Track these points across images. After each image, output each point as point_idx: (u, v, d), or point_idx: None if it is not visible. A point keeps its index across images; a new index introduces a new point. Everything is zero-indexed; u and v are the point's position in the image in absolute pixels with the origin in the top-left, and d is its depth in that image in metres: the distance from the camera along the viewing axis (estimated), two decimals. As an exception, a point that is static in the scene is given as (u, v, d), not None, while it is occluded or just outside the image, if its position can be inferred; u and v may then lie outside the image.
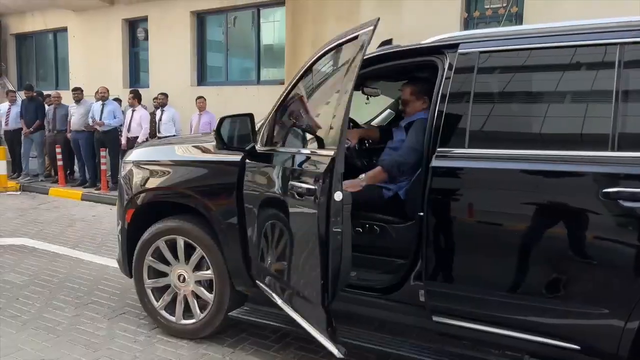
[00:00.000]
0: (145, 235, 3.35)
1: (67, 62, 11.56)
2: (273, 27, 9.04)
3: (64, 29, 11.51)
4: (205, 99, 8.46)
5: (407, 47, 2.73)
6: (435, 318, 2.47)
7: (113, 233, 6.19)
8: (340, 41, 2.46)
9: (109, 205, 8.03)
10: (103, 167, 8.68)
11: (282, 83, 8.59)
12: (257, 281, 2.93)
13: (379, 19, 2.19)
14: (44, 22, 11.84)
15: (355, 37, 2.33)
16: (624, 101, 2.07)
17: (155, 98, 8.87)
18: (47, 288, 4.25)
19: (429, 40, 2.72)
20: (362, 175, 3.08)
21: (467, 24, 6.85)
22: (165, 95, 8.60)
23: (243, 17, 9.28)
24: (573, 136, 2.23)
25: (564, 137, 2.25)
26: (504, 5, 6.49)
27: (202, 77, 9.80)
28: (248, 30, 9.26)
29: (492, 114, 2.41)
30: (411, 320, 2.63)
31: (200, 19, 9.64)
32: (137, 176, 3.44)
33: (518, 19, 6.43)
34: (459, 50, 2.47)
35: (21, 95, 10.37)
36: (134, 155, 3.63)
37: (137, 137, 8.38)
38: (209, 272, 3.18)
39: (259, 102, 8.65)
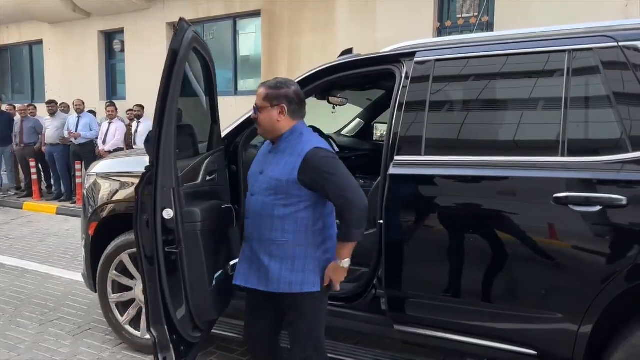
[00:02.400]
0: (109, 248, 3.30)
1: (43, 74, 11.44)
2: (250, 38, 9.05)
3: (40, 42, 11.40)
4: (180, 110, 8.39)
5: (365, 56, 2.74)
6: (396, 327, 2.46)
7: (86, 247, 6.09)
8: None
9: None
10: (78, 180, 8.55)
11: (259, 93, 8.60)
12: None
13: (181, 19, 2.24)
14: (19, 35, 11.73)
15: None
16: (572, 107, 2.10)
17: (131, 110, 8.80)
18: (12, 305, 4.15)
19: (387, 48, 2.73)
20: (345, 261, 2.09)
21: (440, 33, 6.93)
22: (142, 107, 8.54)
23: (220, 28, 9.29)
24: (525, 142, 2.25)
25: (516, 143, 2.26)
26: (475, 14, 6.58)
27: (179, 88, 9.75)
28: (225, 41, 9.25)
29: (448, 122, 2.43)
30: (375, 329, 2.62)
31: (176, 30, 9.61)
32: (101, 188, 3.40)
33: (489, 27, 6.53)
34: (416, 59, 2.49)
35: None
36: (98, 167, 3.59)
37: (114, 150, 8.29)
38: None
39: (237, 113, 8.60)
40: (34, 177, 9.19)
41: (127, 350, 3.29)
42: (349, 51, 2.97)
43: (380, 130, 4.65)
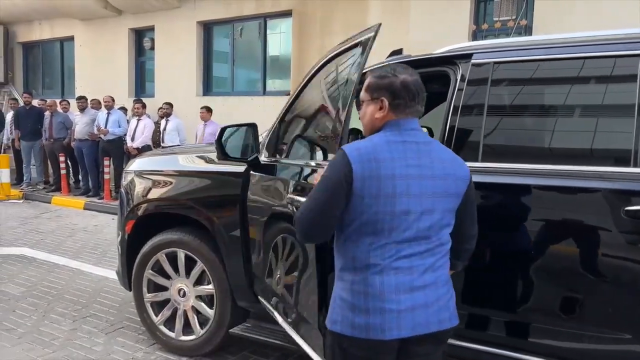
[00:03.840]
0: (146, 247, 3.26)
1: (73, 70, 11.57)
2: (279, 38, 9.00)
3: (71, 38, 11.53)
4: (207, 110, 8.40)
5: (418, 57, 2.64)
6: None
7: (114, 243, 6.09)
8: (342, 49, 2.35)
9: (112, 214, 7.95)
10: (106, 176, 8.62)
11: (288, 94, 8.54)
12: (259, 297, 2.82)
13: (380, 24, 1.98)
14: (51, 31, 11.88)
15: (356, 45, 2.12)
16: (647, 115, 1.97)
17: (160, 108, 8.83)
18: (45, 300, 4.15)
19: (440, 50, 2.63)
20: None
21: (476, 36, 6.78)
22: (170, 105, 8.56)
23: (249, 27, 9.26)
24: (593, 151, 2.13)
25: (583, 151, 2.14)
26: (513, 17, 6.42)
27: (207, 87, 9.76)
28: (254, 40, 9.23)
29: (507, 127, 2.32)
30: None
31: (207, 29, 9.62)
32: (139, 186, 3.36)
33: (527, 31, 6.36)
34: (473, 61, 2.38)
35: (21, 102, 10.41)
36: (136, 164, 3.55)
37: (142, 147, 8.33)
38: (209, 286, 3.08)
39: (264, 113, 8.57)
40: (63, 172, 9.28)
41: (161, 351, 3.25)
42: (398, 52, 2.87)
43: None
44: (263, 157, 2.82)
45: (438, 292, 1.58)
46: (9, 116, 10.30)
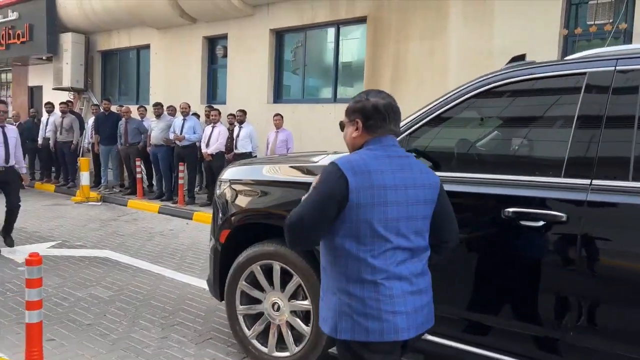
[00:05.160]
0: (240, 258, 3.18)
1: (148, 78, 11.96)
2: (352, 45, 8.89)
3: (147, 46, 11.92)
4: (282, 117, 8.40)
5: (546, 63, 2.42)
6: None
7: (191, 249, 6.16)
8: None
9: (185, 219, 8.09)
10: (180, 181, 8.79)
11: (360, 101, 8.40)
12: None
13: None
14: (128, 40, 12.34)
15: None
16: None
17: (231, 114, 8.93)
18: (132, 305, 4.18)
19: (574, 55, 2.40)
20: None
21: (567, 41, 6.38)
22: (244, 112, 8.63)
23: (321, 34, 9.21)
24: None
25: None
26: (611, 21, 5.97)
27: (278, 94, 9.79)
28: (326, 47, 9.16)
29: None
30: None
31: (279, 36, 9.66)
32: (234, 195, 3.29)
33: (627, 36, 5.91)
34: (618, 67, 2.13)
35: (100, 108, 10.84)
36: (230, 173, 3.49)
37: (217, 154, 8.44)
38: (306, 302, 2.96)
39: (334, 121, 8.49)
40: (139, 176, 9.55)
41: (253, 366, 3.15)
42: (520, 57, 2.65)
43: (514, 144, 4.24)
44: None
45: (428, 295, 1.80)
46: (90, 121, 10.76)
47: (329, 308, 1.76)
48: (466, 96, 2.57)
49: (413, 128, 2.64)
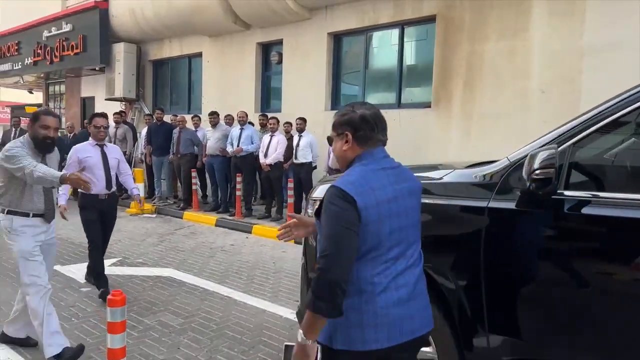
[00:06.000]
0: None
1: (200, 86, 11.74)
2: (418, 46, 8.34)
3: (199, 54, 11.72)
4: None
5: None
6: None
7: (257, 267, 5.75)
8: None
9: (244, 232, 7.72)
10: (238, 192, 8.43)
11: (428, 106, 7.85)
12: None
13: None
14: (180, 48, 12.18)
15: None
16: None
17: (288, 123, 8.54)
18: (207, 335, 3.77)
19: None
20: (300, 334, 1.74)
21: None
22: (304, 120, 8.22)
23: (384, 36, 8.70)
24: None
25: None
26: None
27: (336, 101, 9.33)
28: (389, 49, 8.65)
29: None
30: None
31: (337, 40, 9.22)
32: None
33: None
34: None
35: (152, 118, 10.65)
36: (323, 190, 3.01)
37: (275, 164, 8.05)
38: (429, 349, 2.46)
39: (400, 128, 7.97)
40: (194, 187, 9.27)
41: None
42: None
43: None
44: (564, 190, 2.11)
45: (424, 300, 1.80)
46: (143, 131, 10.60)
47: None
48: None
49: (579, 136, 2.09)
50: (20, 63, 15.72)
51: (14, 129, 10.60)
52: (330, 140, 1.85)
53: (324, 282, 1.56)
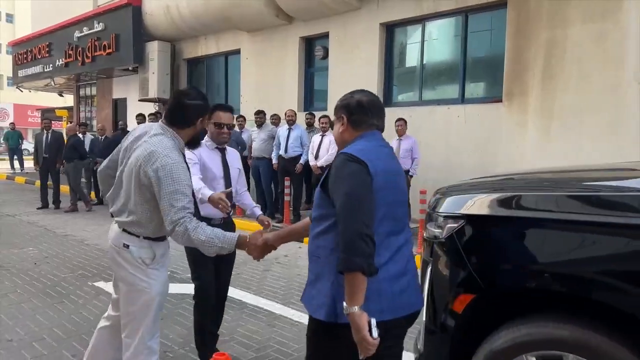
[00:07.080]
0: (499, 341, 2.01)
1: (238, 85, 11.17)
2: (484, 36, 7.58)
3: (236, 52, 11.15)
4: (405, 122, 7.23)
5: None
6: None
7: (322, 284, 5.09)
8: None
9: (296, 242, 7.07)
10: (287, 197, 7.79)
11: (498, 100, 7.08)
12: None
13: None
14: (216, 46, 11.64)
15: None
16: None
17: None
18: (288, 376, 3.12)
19: None
20: (346, 307, 1.70)
21: None
22: (358, 117, 7.53)
23: (444, 25, 7.97)
24: None
25: None
26: None
27: (389, 96, 8.63)
28: (450, 40, 7.91)
29: None
30: None
31: (390, 31, 8.52)
32: (480, 241, 2.13)
33: None
34: None
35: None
36: (475, 203, 2.23)
37: (327, 166, 7.37)
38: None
39: (464, 125, 7.23)
40: (237, 191, 8.67)
41: None
42: None
43: None
44: None
45: (416, 277, 1.89)
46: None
47: (325, 295, 1.77)
48: None
49: None
50: (51, 65, 15.44)
51: (45, 132, 10.18)
52: (331, 124, 1.43)
53: (352, 234, 1.60)
